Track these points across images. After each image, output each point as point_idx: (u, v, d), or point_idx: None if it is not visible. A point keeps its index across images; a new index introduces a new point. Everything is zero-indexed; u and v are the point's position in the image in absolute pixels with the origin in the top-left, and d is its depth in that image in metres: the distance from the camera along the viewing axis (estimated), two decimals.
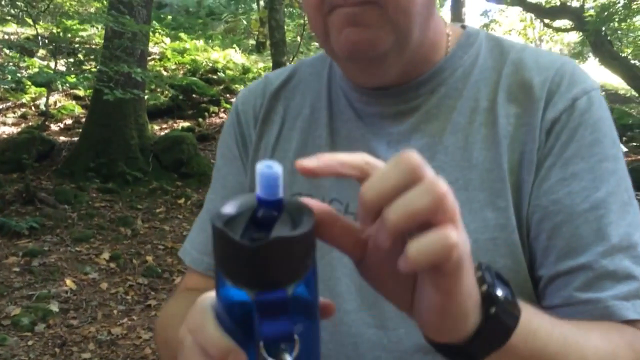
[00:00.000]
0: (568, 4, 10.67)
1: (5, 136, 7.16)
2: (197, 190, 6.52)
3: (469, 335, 0.47)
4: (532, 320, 0.52)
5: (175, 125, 8.17)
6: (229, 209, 0.43)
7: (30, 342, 3.62)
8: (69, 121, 7.91)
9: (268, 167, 0.41)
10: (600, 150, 0.70)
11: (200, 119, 8.36)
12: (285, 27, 8.22)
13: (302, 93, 0.86)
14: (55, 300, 4.08)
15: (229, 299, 0.43)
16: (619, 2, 9.25)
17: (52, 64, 6.13)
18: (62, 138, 7.25)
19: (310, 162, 0.42)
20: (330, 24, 0.69)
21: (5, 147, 6.47)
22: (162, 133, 7.63)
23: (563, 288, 0.66)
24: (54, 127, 7.69)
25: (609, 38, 10.12)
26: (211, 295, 0.46)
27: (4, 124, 7.68)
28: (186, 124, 8.21)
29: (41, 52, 8.12)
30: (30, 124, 7.58)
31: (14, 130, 7.40)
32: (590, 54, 11.65)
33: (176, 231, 5.45)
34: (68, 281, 4.33)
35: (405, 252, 0.40)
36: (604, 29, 9.67)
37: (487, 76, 0.76)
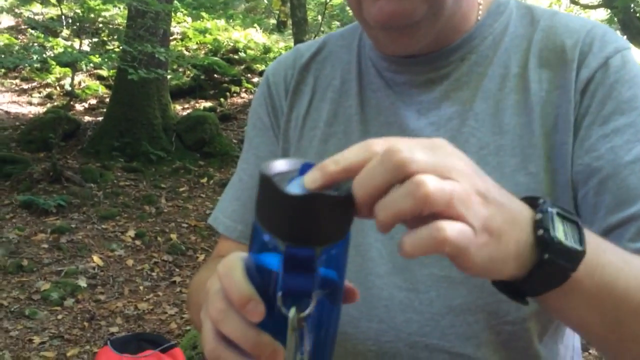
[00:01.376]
0: None
1: (31, 116, 7.28)
2: (219, 169, 6.57)
3: (523, 275, 0.47)
4: (602, 256, 0.52)
5: (197, 105, 8.21)
6: (279, 165, 0.45)
7: (59, 316, 3.72)
8: (93, 101, 8.00)
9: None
10: (639, 105, 0.69)
11: (222, 99, 8.37)
12: (307, 6, 8.15)
13: (332, 64, 0.86)
14: (83, 276, 4.18)
15: (261, 256, 0.44)
16: None
17: (76, 44, 6.18)
18: (87, 118, 7.34)
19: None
20: None
21: (32, 126, 6.57)
22: (185, 113, 7.67)
23: (615, 241, 0.63)
24: (78, 106, 7.78)
25: (638, 15, 9.87)
26: (244, 253, 0.47)
27: (30, 103, 7.80)
28: (208, 104, 8.24)
29: (65, 32, 8.18)
30: (55, 103, 7.69)
31: (40, 110, 7.52)
32: (619, 32, 11.37)
33: (199, 210, 5.51)
34: (95, 258, 4.42)
35: (400, 242, 0.41)
36: (632, 5, 9.43)
37: (517, 44, 0.76)
